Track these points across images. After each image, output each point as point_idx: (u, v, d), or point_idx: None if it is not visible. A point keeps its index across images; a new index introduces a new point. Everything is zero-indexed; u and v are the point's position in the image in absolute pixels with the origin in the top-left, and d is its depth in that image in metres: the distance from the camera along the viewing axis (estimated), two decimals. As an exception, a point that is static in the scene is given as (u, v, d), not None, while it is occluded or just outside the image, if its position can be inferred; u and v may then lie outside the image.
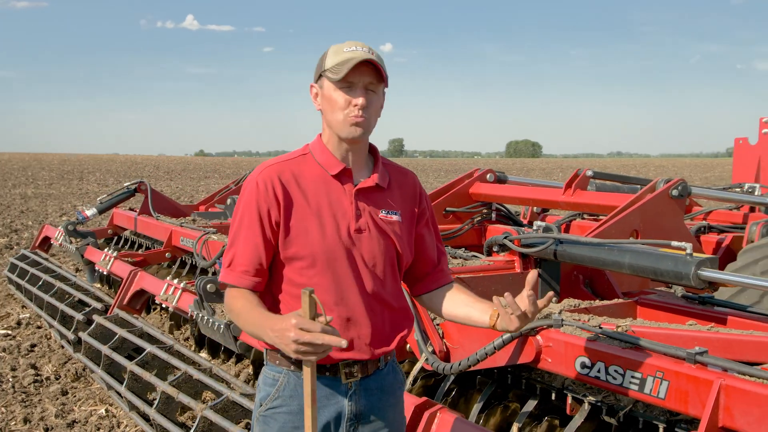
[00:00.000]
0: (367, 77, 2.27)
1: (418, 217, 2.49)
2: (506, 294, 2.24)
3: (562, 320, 3.25)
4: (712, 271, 3.51)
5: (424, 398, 3.23)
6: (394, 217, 2.40)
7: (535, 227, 4.40)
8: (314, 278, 2.28)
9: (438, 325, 3.73)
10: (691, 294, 4.08)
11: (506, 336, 3.26)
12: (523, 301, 2.24)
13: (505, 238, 4.36)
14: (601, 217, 7.01)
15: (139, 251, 7.79)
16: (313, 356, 1.99)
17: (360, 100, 2.26)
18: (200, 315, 4.71)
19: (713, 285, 3.62)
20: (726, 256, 5.63)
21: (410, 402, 3.16)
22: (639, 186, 6.86)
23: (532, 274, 2.27)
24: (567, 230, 6.57)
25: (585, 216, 7.04)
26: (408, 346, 3.92)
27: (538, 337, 3.24)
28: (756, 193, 6.79)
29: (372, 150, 2.47)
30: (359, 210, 2.34)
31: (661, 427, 3.01)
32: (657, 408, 3.02)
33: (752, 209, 6.81)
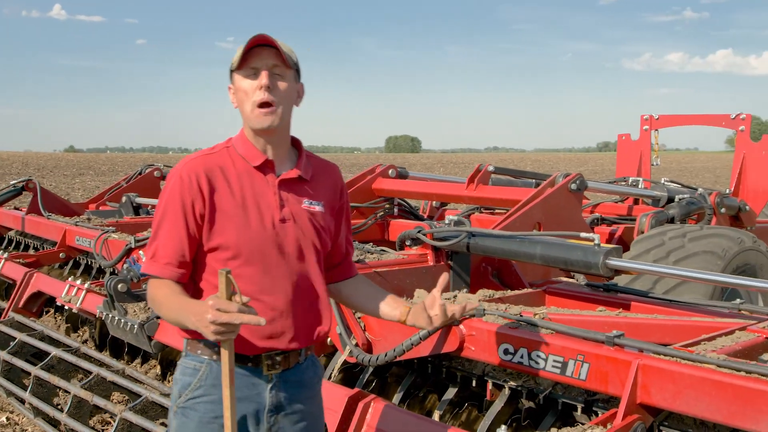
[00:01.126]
0: (270, 60, 2.31)
1: (338, 210, 2.57)
2: (421, 296, 2.35)
3: (484, 309, 3.39)
4: (618, 260, 3.75)
5: (357, 389, 3.30)
6: (317, 208, 2.46)
7: (447, 221, 4.53)
8: (239, 269, 2.31)
9: (359, 318, 3.80)
10: (595, 282, 4.32)
11: (431, 326, 3.36)
12: (434, 304, 2.40)
13: (419, 232, 4.48)
14: (497, 211, 7.28)
15: (28, 252, 7.47)
16: (232, 335, 2.05)
17: (263, 78, 2.29)
18: (111, 316, 4.60)
19: (618, 273, 3.85)
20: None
21: (343, 393, 3.23)
22: (533, 180, 7.16)
23: (443, 278, 2.43)
24: (467, 224, 6.76)
25: (482, 210, 7.28)
26: (329, 339, 3.98)
27: (461, 326, 3.36)
28: (640, 186, 7.21)
29: (295, 143, 2.51)
30: (282, 201, 2.39)
31: (579, 407, 3.18)
32: (575, 389, 3.19)
33: (636, 201, 7.22)
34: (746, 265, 5.18)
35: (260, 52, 2.29)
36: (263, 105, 2.31)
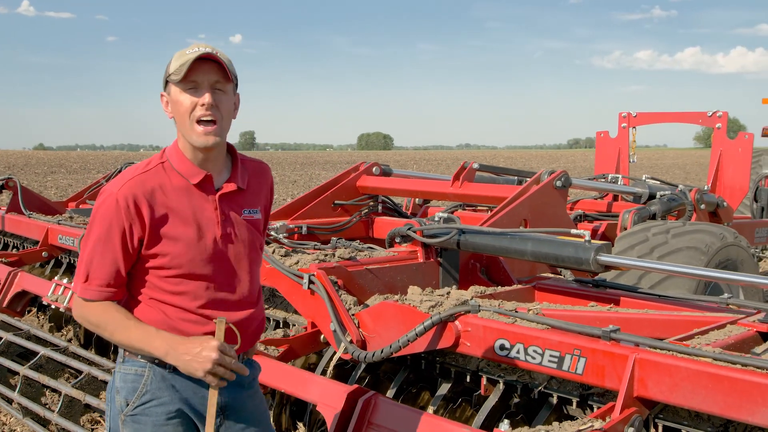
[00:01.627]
0: (213, 76, 2.27)
1: (268, 208, 2.60)
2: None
3: (479, 305, 3.42)
4: (608, 256, 3.80)
5: (356, 385, 3.32)
6: (255, 216, 2.48)
7: (436, 218, 4.56)
8: (180, 285, 2.32)
9: (353, 315, 3.82)
10: (583, 278, 4.38)
11: (427, 322, 3.38)
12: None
13: (409, 229, 4.50)
14: (479, 208, 7.33)
15: (8, 251, 7.39)
16: (220, 380, 2.18)
17: (206, 98, 2.25)
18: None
19: (608, 269, 3.90)
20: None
21: (342, 390, 3.25)
22: (515, 178, 7.22)
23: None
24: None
25: (465, 207, 7.33)
26: (322, 336, 3.99)
27: (457, 322, 3.39)
28: (619, 183, 7.30)
29: (230, 149, 2.48)
30: (224, 215, 2.38)
31: (575, 401, 3.23)
32: (570, 383, 3.24)
33: (615, 198, 7.30)
34: (728, 260, 5.27)
35: (202, 66, 2.24)
36: (206, 123, 2.27)
